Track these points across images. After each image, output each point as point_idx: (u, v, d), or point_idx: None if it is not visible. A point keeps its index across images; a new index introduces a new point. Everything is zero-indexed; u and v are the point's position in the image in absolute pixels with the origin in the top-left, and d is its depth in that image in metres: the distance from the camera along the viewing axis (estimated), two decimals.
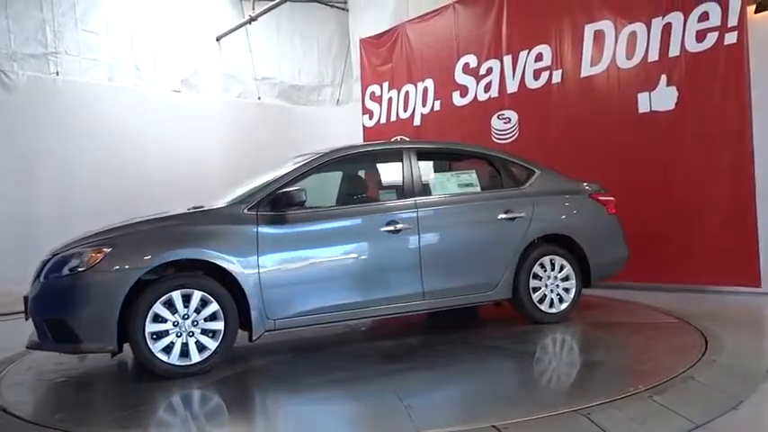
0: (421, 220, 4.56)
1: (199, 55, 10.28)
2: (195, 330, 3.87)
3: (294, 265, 4.18)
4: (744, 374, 3.50)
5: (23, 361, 4.72)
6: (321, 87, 11.75)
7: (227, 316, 3.93)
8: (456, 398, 3.47)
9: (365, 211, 4.58)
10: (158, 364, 3.78)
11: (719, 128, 5.91)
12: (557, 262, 4.96)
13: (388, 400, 3.28)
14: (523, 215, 4.87)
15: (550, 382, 3.73)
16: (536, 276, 4.89)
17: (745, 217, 5.74)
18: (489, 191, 5.06)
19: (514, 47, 7.67)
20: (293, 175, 4.39)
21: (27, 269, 7.90)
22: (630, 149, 6.49)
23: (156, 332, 3.77)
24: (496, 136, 7.85)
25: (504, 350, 4.38)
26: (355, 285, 4.37)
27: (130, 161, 9.09)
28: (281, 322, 4.13)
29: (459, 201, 4.88)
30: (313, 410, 3.40)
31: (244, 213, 4.13)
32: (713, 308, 5.43)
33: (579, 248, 5.03)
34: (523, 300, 4.84)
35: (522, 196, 4.99)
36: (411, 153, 4.85)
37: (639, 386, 3.15)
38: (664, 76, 6.30)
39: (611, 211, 5.26)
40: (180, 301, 3.83)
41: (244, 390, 3.85)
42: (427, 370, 3.93)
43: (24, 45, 8.40)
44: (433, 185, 4.95)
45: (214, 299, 3.90)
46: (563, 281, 4.98)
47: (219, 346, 3.91)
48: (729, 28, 5.82)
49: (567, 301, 4.98)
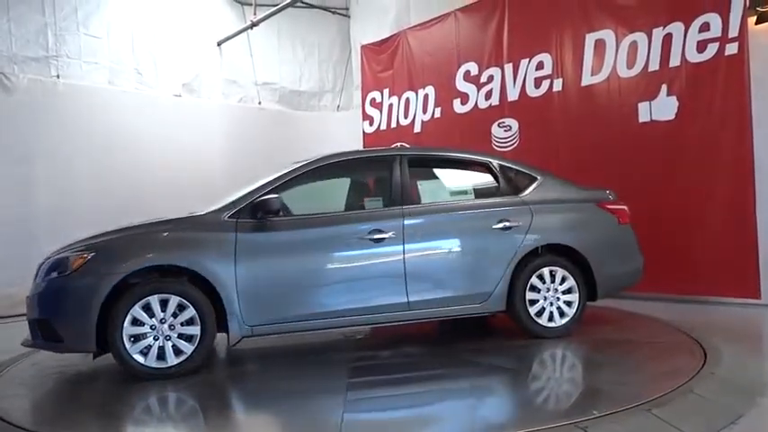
0: (406, 229, 4.45)
1: (200, 59, 10.28)
2: (172, 334, 3.97)
3: (271, 272, 4.20)
4: (743, 388, 3.48)
5: (17, 366, 4.74)
6: (322, 93, 11.75)
7: (203, 321, 4.01)
8: (409, 416, 3.37)
9: (347, 219, 4.55)
10: (135, 365, 3.91)
11: (720, 138, 5.91)
12: (558, 274, 4.74)
13: (326, 417, 3.22)
14: (519, 224, 4.68)
15: (547, 396, 3.67)
16: (534, 288, 4.70)
17: (745, 228, 5.72)
18: (484, 199, 4.91)
19: (515, 55, 7.68)
20: (275, 183, 4.44)
21: (27, 272, 7.93)
22: (630, 159, 6.48)
23: (135, 335, 3.91)
24: (497, 144, 7.85)
25: (484, 366, 4.22)
26: (334, 294, 4.35)
27: (130, 165, 9.08)
28: (258, 329, 4.17)
29: (450, 209, 4.77)
30: (244, 420, 3.45)
31: (224, 221, 4.20)
32: (713, 319, 5.41)
33: (583, 260, 4.80)
34: (519, 312, 4.66)
35: (520, 204, 4.80)
36: (402, 160, 4.76)
37: (638, 399, 3.11)
38: (664, 85, 6.30)
39: (622, 221, 5.00)
40: (157, 305, 3.95)
41: (200, 395, 3.84)
42: (392, 385, 3.89)
43: (25, 48, 8.40)
44: (423, 193, 4.87)
45: (191, 304, 3.99)
46: (564, 294, 4.75)
47: (196, 351, 4.00)
48: (730, 39, 5.83)
49: (568, 315, 4.74)
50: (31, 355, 4.96)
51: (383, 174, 4.78)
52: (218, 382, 4.14)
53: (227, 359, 4.80)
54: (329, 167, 4.75)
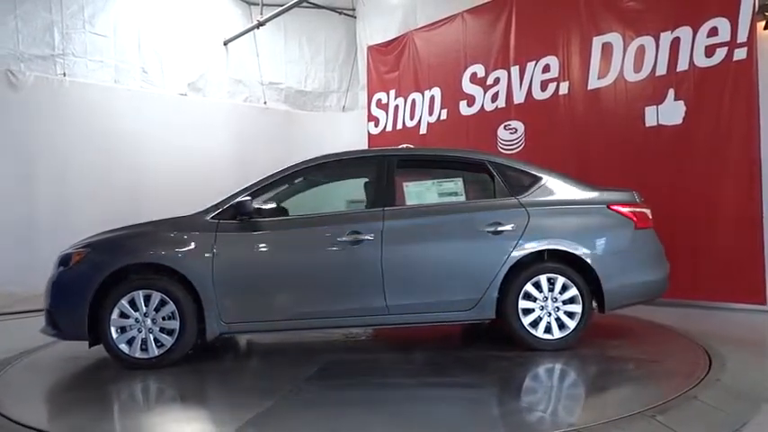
0: (386, 231, 4.33)
1: (206, 59, 10.31)
2: (154, 328, 4.20)
3: (246, 272, 4.31)
4: (748, 395, 3.44)
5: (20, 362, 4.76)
6: (327, 93, 11.75)
7: (183, 316, 4.19)
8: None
9: (326, 221, 4.49)
10: (121, 355, 4.19)
11: (727, 143, 5.87)
12: (558, 282, 4.35)
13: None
14: (512, 228, 4.35)
15: (549, 401, 3.58)
16: (530, 297, 4.36)
17: (752, 234, 5.68)
18: (477, 200, 4.63)
19: (522, 57, 7.64)
20: (259, 185, 4.53)
21: (27, 270, 7.97)
22: (637, 163, 6.44)
23: (121, 326, 4.19)
24: (502, 146, 7.82)
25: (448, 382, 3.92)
26: (309, 295, 4.35)
27: (135, 163, 9.11)
28: (234, 326, 4.31)
29: (436, 211, 4.55)
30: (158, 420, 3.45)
31: (207, 221, 4.37)
32: (718, 325, 5.37)
33: (589, 268, 4.38)
34: (510, 322, 4.33)
35: (516, 207, 4.45)
36: (388, 161, 4.61)
37: (642, 406, 3.09)
38: (671, 90, 6.25)
39: (640, 225, 4.52)
40: (141, 300, 4.20)
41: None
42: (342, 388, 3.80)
43: (32, 46, 8.44)
44: (409, 195, 4.66)
45: (171, 300, 4.20)
46: (566, 304, 4.35)
47: (175, 344, 4.19)
48: (739, 43, 5.78)
49: (568, 327, 4.33)
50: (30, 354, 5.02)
51: (369, 176, 4.69)
52: (177, 375, 4.17)
53: (217, 352, 4.89)
54: (315, 169, 4.77)
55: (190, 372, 4.20)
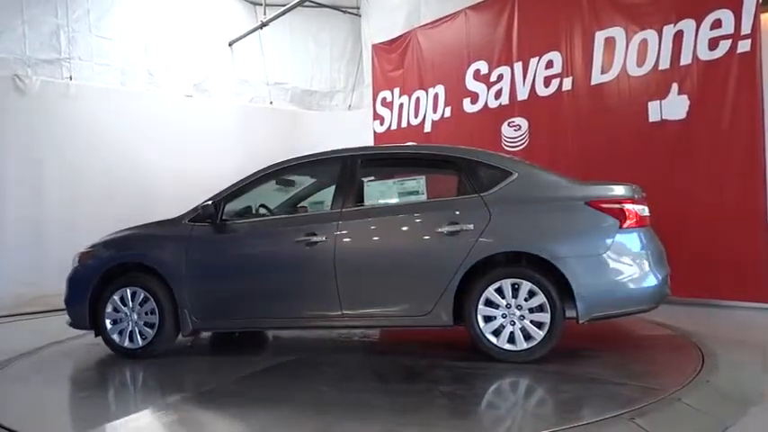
0: (339, 233, 4.25)
1: (211, 60, 10.33)
2: (139, 321, 4.65)
3: (210, 272, 4.56)
4: (736, 397, 3.31)
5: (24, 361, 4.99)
6: (333, 93, 11.73)
7: (162, 312, 4.57)
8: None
9: (288, 222, 4.62)
10: (113, 344, 4.72)
11: (731, 138, 5.77)
12: (523, 287, 3.93)
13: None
14: (470, 227, 4.01)
15: (528, 404, 3.46)
16: (492, 303, 4.00)
17: (756, 230, 5.58)
18: (439, 199, 4.33)
19: (525, 53, 7.58)
20: (232, 189, 4.72)
21: (37, 272, 8.06)
22: (640, 159, 6.34)
23: (114, 319, 4.71)
24: (507, 143, 7.75)
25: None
26: (268, 296, 4.46)
27: (142, 166, 9.15)
28: (203, 323, 4.62)
29: (392, 211, 4.34)
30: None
31: (184, 224, 4.69)
32: (718, 324, 5.26)
33: (559, 272, 3.89)
34: (469, 330, 4.03)
35: (478, 205, 4.08)
36: (352, 161, 4.52)
37: (623, 408, 2.99)
38: (675, 84, 6.15)
39: (630, 223, 3.94)
40: (128, 295, 4.67)
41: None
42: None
43: (39, 50, 8.51)
44: (368, 194, 4.48)
45: (151, 297, 4.60)
46: (533, 312, 3.92)
47: (156, 337, 4.61)
48: (743, 36, 5.67)
49: (536, 337, 3.90)
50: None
51: (333, 176, 4.59)
52: (145, 367, 4.47)
53: (205, 347, 5.27)
54: (283, 171, 4.85)
55: (157, 364, 4.51)
